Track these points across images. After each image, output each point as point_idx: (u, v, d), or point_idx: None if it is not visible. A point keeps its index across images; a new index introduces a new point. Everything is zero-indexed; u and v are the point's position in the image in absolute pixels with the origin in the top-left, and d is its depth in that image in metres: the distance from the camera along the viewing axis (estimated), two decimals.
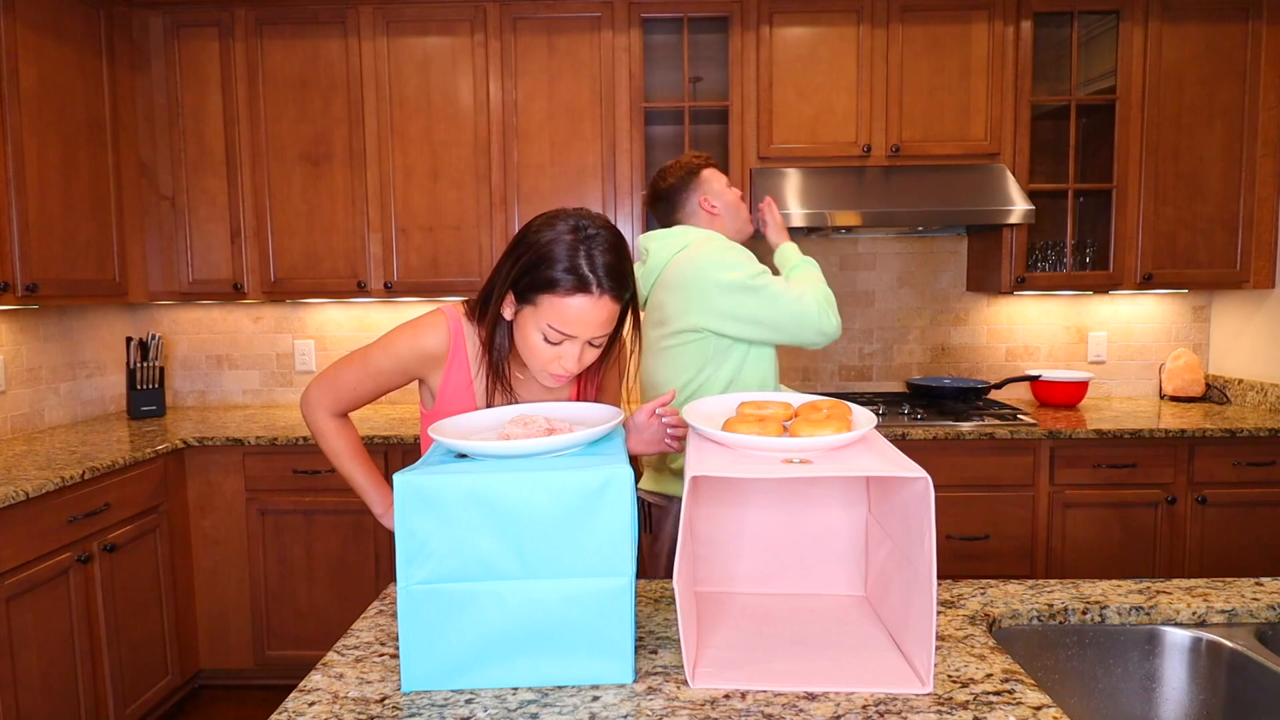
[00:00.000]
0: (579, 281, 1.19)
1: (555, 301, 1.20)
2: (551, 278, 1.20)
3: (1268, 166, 2.96)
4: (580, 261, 1.19)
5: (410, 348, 1.36)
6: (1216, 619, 1.26)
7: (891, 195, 2.85)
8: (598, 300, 1.21)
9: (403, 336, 1.37)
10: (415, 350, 1.36)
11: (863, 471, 0.96)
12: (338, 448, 1.46)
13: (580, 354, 1.26)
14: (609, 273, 1.21)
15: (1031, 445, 2.72)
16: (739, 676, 1.02)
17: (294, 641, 2.85)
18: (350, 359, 1.42)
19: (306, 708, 0.98)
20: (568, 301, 1.20)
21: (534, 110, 2.98)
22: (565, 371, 1.26)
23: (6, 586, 2.03)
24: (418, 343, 1.36)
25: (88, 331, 3.14)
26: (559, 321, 1.21)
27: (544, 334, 1.23)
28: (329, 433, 1.45)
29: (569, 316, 1.21)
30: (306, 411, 1.45)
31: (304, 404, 1.45)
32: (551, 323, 1.22)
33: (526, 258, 1.22)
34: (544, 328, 1.23)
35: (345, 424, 1.47)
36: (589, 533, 1.00)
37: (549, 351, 1.25)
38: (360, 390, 1.42)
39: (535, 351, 1.26)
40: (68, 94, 2.65)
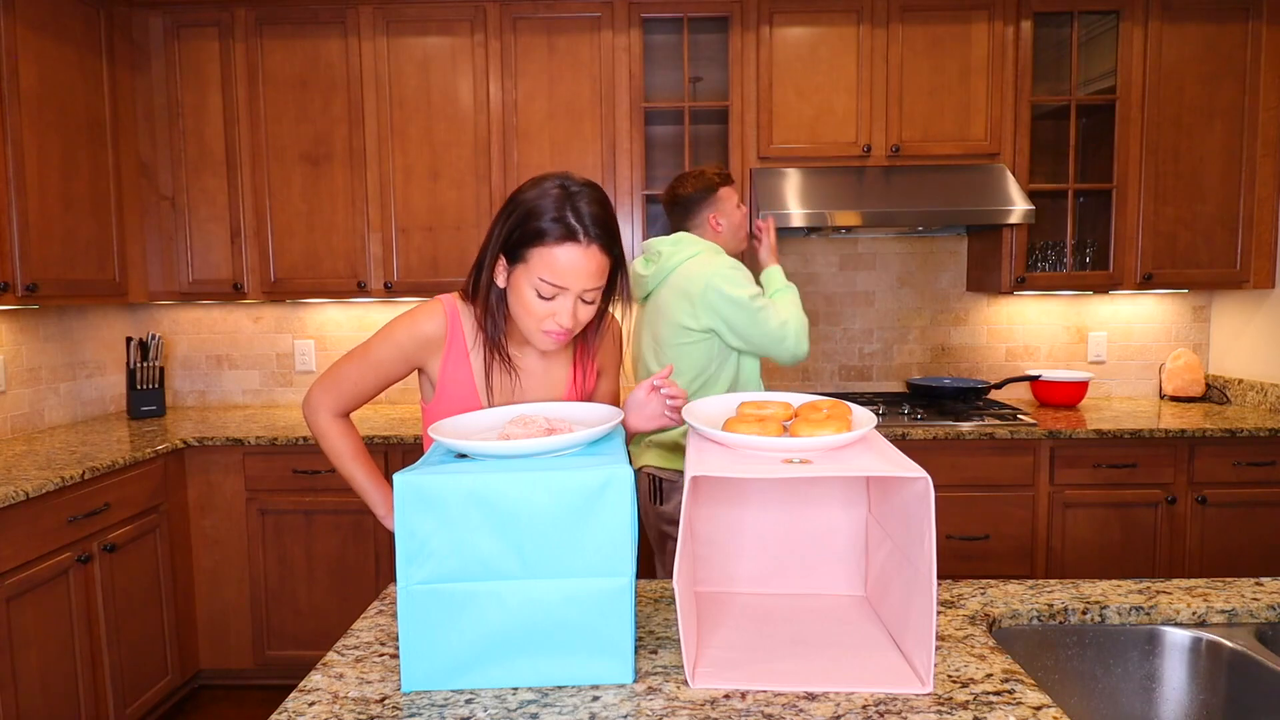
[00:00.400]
0: (567, 230, 1.22)
1: (545, 253, 1.23)
2: (540, 229, 1.22)
3: (1268, 166, 2.96)
4: (567, 213, 1.22)
5: (409, 334, 1.38)
6: (1216, 619, 1.26)
7: (891, 195, 2.85)
8: (586, 249, 1.23)
9: (401, 324, 1.39)
10: (414, 336, 1.38)
11: (863, 471, 0.96)
12: (340, 449, 1.46)
13: (574, 309, 1.26)
14: (595, 222, 1.23)
15: (1031, 445, 2.72)
16: (739, 676, 1.02)
17: (294, 641, 2.85)
18: (350, 355, 1.43)
19: (306, 708, 0.98)
20: (557, 251, 1.22)
21: (534, 110, 2.98)
22: (560, 329, 1.27)
23: (6, 586, 2.03)
24: (416, 328, 1.37)
25: (88, 331, 3.14)
26: (550, 273, 1.23)
27: (536, 289, 1.25)
28: (331, 434, 1.45)
29: (559, 267, 1.23)
30: (308, 414, 1.46)
31: (306, 406, 1.46)
32: (543, 275, 1.23)
33: (515, 216, 1.25)
34: (536, 283, 1.24)
35: (347, 425, 1.47)
36: (589, 533, 1.00)
37: (543, 308, 1.26)
38: (362, 384, 1.42)
39: (529, 310, 1.27)
40: (68, 94, 2.65)
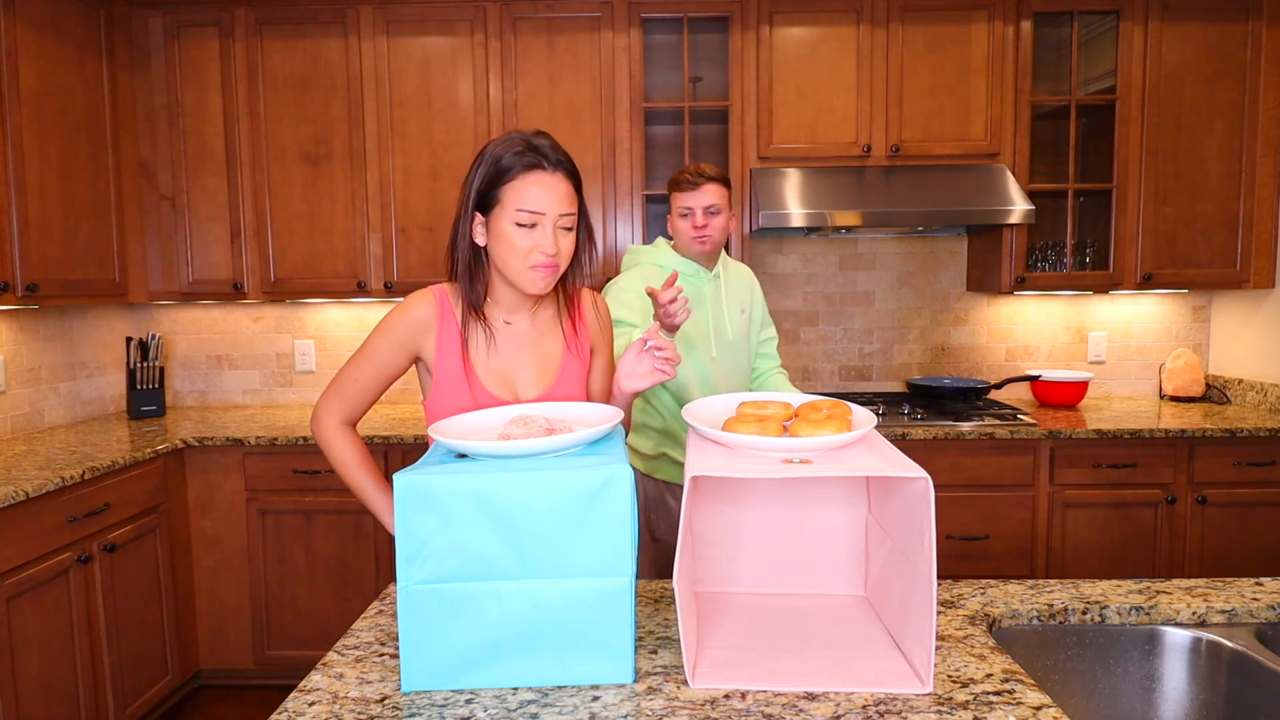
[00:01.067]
0: (533, 159, 1.31)
1: (517, 186, 1.31)
2: (507, 165, 1.31)
3: (1268, 166, 2.96)
4: (529, 148, 1.32)
5: (401, 319, 1.41)
6: (1216, 619, 1.26)
7: (891, 195, 2.85)
8: (553, 175, 1.32)
9: (392, 313, 1.43)
10: (405, 320, 1.41)
11: (863, 471, 0.96)
12: (345, 457, 1.47)
13: (554, 236, 1.32)
14: (556, 151, 1.33)
15: (1031, 445, 2.72)
16: (739, 676, 1.02)
17: (294, 641, 2.85)
18: (349, 359, 1.45)
19: (306, 708, 0.98)
20: (527, 179, 1.30)
21: (534, 110, 2.98)
22: (546, 260, 1.32)
23: (6, 586, 2.03)
24: (406, 313, 1.41)
25: (88, 331, 3.14)
26: (525, 201, 1.30)
27: (516, 222, 1.31)
28: (335, 443, 1.47)
29: (532, 193, 1.30)
30: (314, 427, 1.48)
31: (312, 421, 1.48)
32: (519, 206, 1.30)
33: (482, 167, 1.34)
34: (514, 215, 1.31)
35: (351, 433, 1.48)
36: (589, 533, 1.00)
37: (526, 241, 1.31)
38: (363, 381, 1.44)
39: (514, 248, 1.32)
40: (68, 94, 2.65)
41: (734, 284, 2.21)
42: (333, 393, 1.45)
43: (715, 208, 2.08)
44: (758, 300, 2.29)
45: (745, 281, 2.26)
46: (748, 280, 2.28)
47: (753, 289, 2.28)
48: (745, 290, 2.23)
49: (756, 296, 2.28)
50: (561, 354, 1.46)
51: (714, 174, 2.10)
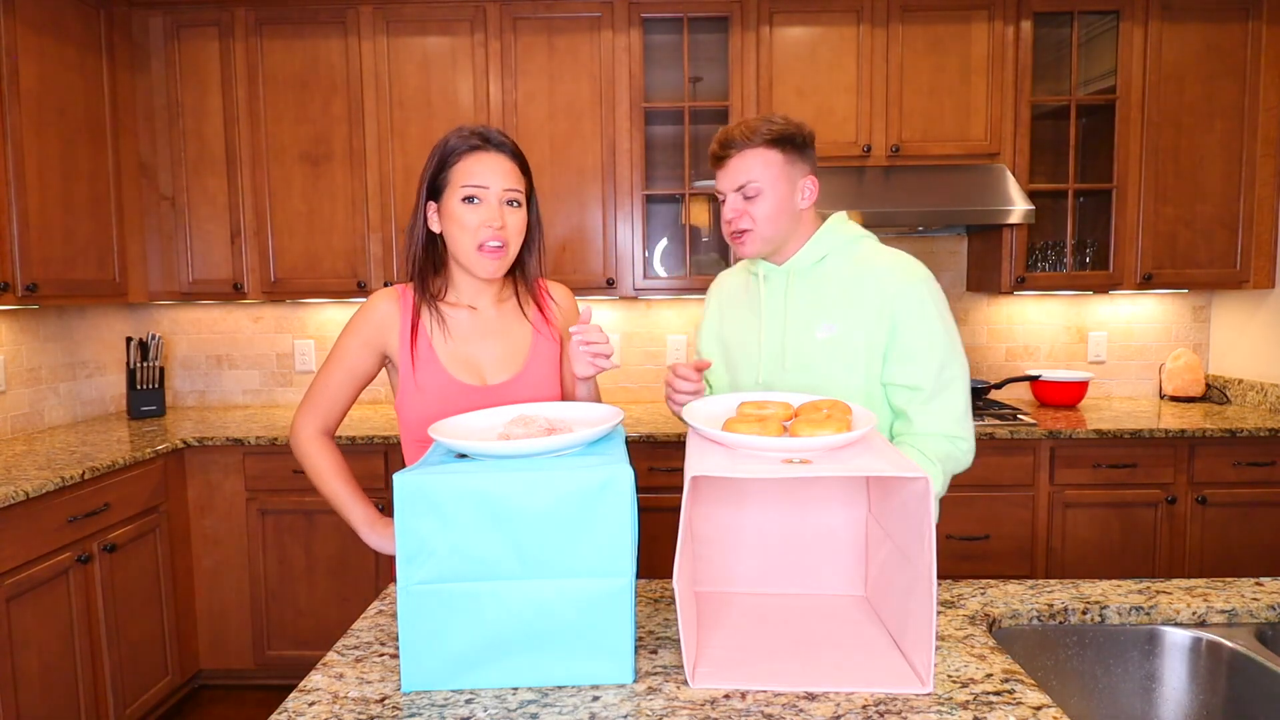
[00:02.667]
0: (477, 140, 1.37)
1: (461, 165, 1.37)
2: (453, 148, 1.37)
3: (1268, 166, 2.96)
4: (473, 134, 1.38)
5: (363, 317, 1.44)
6: (1216, 619, 1.26)
7: (891, 195, 2.85)
8: (496, 153, 1.37)
9: (356, 314, 1.46)
10: (368, 318, 1.43)
11: (863, 471, 0.96)
12: (320, 466, 1.46)
13: (500, 210, 1.36)
14: (499, 135, 1.39)
15: (1031, 445, 2.72)
16: (739, 676, 1.02)
17: (294, 641, 2.85)
18: (320, 367, 1.50)
19: (306, 708, 0.98)
20: (470, 158, 1.36)
21: (534, 110, 2.98)
22: (494, 232, 1.36)
23: (6, 586, 2.03)
24: (369, 310, 1.44)
25: (88, 331, 3.14)
26: (469, 177, 1.35)
27: (463, 198, 1.36)
28: (310, 453, 1.47)
29: (475, 169, 1.36)
30: (291, 438, 1.48)
31: (290, 432, 1.49)
32: (464, 183, 1.35)
33: (433, 156, 1.40)
34: (460, 192, 1.35)
35: (328, 443, 1.49)
36: (589, 533, 1.00)
37: (473, 218, 1.35)
38: (333, 386, 1.45)
39: (463, 226, 1.36)
40: (68, 94, 2.65)
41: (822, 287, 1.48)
42: (306, 403, 1.46)
43: (750, 186, 1.43)
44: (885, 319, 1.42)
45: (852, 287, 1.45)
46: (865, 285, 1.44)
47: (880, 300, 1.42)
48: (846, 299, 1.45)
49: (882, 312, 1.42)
50: (530, 340, 1.48)
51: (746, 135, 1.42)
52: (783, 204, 1.44)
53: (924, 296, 1.42)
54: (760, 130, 1.42)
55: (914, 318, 1.41)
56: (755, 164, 1.43)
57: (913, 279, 1.43)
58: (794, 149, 1.44)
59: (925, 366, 1.41)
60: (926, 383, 1.41)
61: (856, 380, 1.44)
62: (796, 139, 1.44)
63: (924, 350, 1.41)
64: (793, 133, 1.44)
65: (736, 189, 1.45)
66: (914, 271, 1.44)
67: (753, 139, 1.42)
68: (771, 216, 1.44)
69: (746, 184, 1.43)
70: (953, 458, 1.42)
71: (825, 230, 1.50)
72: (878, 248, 1.50)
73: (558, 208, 2.99)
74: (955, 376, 1.43)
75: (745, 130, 1.43)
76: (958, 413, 1.42)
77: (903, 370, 1.42)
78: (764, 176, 1.42)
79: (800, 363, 1.47)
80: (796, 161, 1.45)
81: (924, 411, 1.41)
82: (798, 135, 1.44)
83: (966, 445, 1.44)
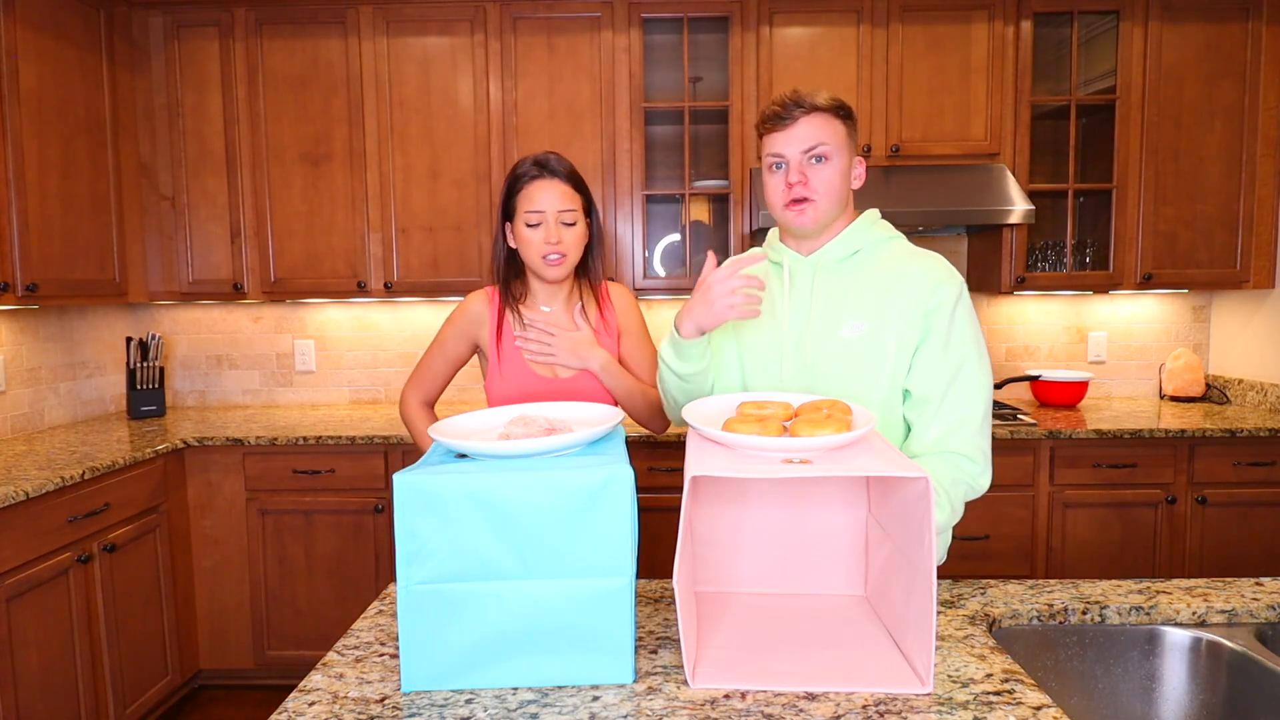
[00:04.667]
0: (536, 170, 1.62)
1: (524, 194, 1.62)
2: (518, 176, 1.63)
3: (1268, 166, 2.96)
4: (534, 164, 1.63)
5: (461, 313, 1.72)
6: (1216, 619, 1.26)
7: (891, 195, 2.85)
8: (551, 180, 1.61)
9: (455, 310, 1.74)
10: (465, 313, 1.72)
11: (863, 471, 0.96)
12: (422, 430, 1.77)
13: (556, 228, 1.60)
14: (557, 163, 1.63)
15: (1031, 445, 2.72)
16: (739, 676, 1.02)
17: (294, 641, 2.85)
18: (426, 350, 1.79)
19: (306, 708, 0.98)
20: (530, 186, 1.61)
21: (534, 110, 2.98)
22: (552, 248, 1.60)
23: (6, 586, 2.03)
24: (465, 307, 1.72)
25: (88, 331, 3.14)
26: (529, 204, 1.60)
27: (526, 222, 1.60)
28: (414, 419, 1.79)
29: (534, 196, 1.60)
30: (402, 408, 1.81)
31: (401, 404, 1.82)
32: (527, 209, 1.60)
33: (506, 185, 1.66)
34: (525, 217, 1.60)
35: (429, 411, 1.81)
36: (589, 533, 1.00)
37: (536, 236, 1.60)
38: (434, 367, 1.77)
39: (529, 244, 1.61)
40: (68, 94, 2.65)
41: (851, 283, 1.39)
42: (413, 379, 1.79)
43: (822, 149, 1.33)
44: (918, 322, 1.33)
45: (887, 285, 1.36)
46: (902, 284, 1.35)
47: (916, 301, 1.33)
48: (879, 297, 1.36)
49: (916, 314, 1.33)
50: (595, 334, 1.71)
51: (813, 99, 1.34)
52: (844, 175, 1.36)
53: (957, 302, 1.33)
54: (824, 96, 1.34)
55: (945, 322, 1.32)
56: (825, 127, 1.33)
57: (949, 281, 1.34)
58: (852, 124, 1.38)
59: (939, 376, 1.31)
60: (935, 393, 1.31)
61: (881, 384, 1.34)
62: (852, 115, 1.38)
63: (944, 358, 1.32)
64: (849, 108, 1.38)
65: (806, 150, 1.33)
66: (950, 274, 1.36)
67: (821, 103, 1.33)
68: (835, 185, 1.34)
69: (817, 146, 1.32)
70: (960, 483, 1.30)
71: (859, 225, 1.41)
72: (912, 248, 1.42)
73: None
74: (974, 388, 1.32)
75: (811, 94, 1.34)
76: (970, 429, 1.31)
77: (918, 378, 1.33)
78: (834, 141, 1.33)
79: (822, 361, 1.37)
80: (854, 136, 1.39)
81: (932, 424, 1.32)
82: (852, 112, 1.39)
83: (977, 469, 1.31)
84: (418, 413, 1.80)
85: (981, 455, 1.33)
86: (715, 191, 3.14)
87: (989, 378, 1.36)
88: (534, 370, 1.67)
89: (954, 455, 1.31)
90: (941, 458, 1.31)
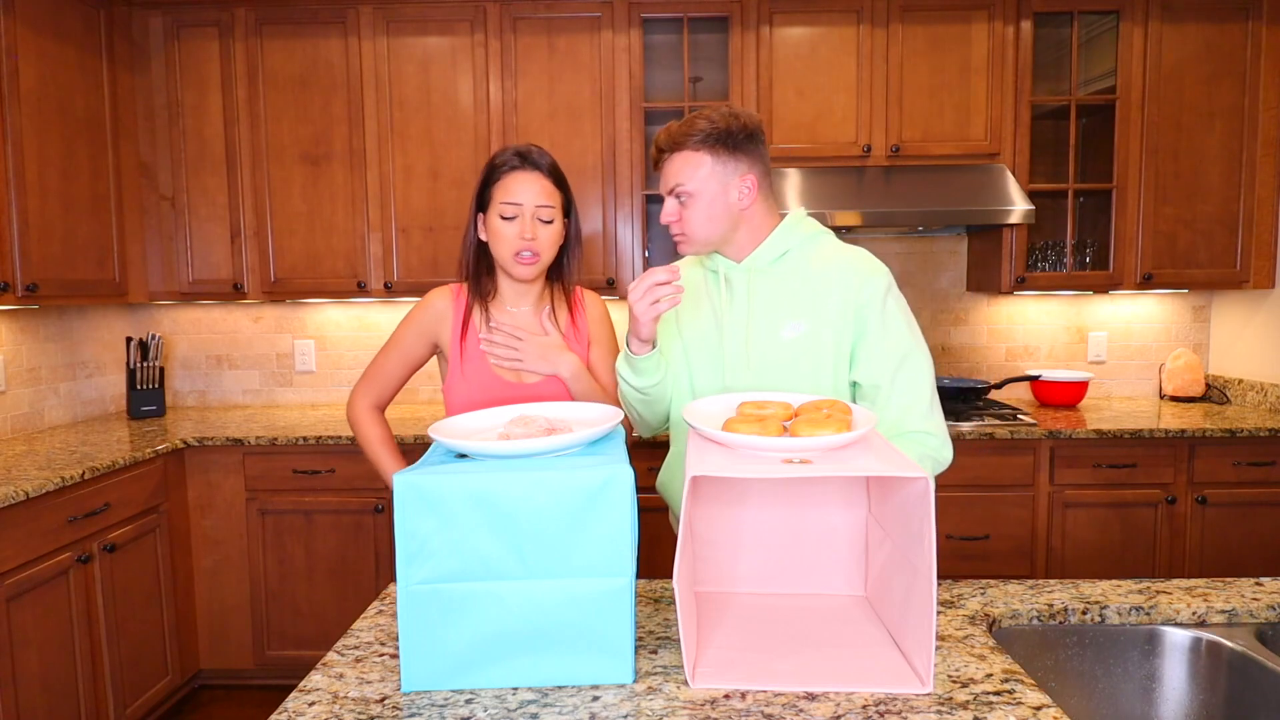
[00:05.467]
0: (517, 161, 1.54)
1: (502, 184, 1.53)
2: (496, 166, 1.54)
3: (1268, 166, 2.96)
4: (515, 155, 1.55)
5: (422, 310, 1.62)
6: (1216, 619, 1.26)
7: (891, 195, 2.85)
8: (532, 173, 1.53)
9: (415, 308, 1.64)
10: (426, 311, 1.61)
11: (863, 471, 0.96)
12: (369, 435, 1.65)
13: (532, 224, 1.52)
14: (540, 156, 1.55)
15: (1031, 445, 2.72)
16: (739, 676, 1.02)
17: (294, 641, 2.85)
18: (379, 351, 1.67)
19: (306, 708, 0.98)
20: (509, 177, 1.53)
21: (534, 110, 2.98)
22: (525, 244, 1.52)
23: (6, 586, 2.03)
24: (426, 305, 1.62)
25: (88, 331, 3.14)
26: (506, 195, 1.52)
27: (500, 214, 1.52)
28: (362, 422, 1.66)
29: (512, 187, 1.52)
30: (348, 412, 1.69)
31: (347, 407, 1.69)
32: (503, 200, 1.52)
33: (483, 174, 1.56)
34: (500, 209, 1.52)
35: (377, 415, 1.68)
36: (589, 533, 1.00)
37: (510, 230, 1.52)
38: (388, 367, 1.64)
39: (501, 238, 1.53)
40: (68, 94, 2.65)
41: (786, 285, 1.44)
42: (364, 381, 1.66)
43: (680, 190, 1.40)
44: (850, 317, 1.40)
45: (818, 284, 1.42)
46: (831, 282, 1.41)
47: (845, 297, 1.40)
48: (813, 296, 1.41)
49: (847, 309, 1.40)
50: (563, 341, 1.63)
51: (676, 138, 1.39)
52: (714, 206, 1.39)
53: (886, 293, 1.40)
54: (690, 132, 1.37)
55: (877, 314, 1.39)
56: (684, 168, 1.38)
57: (875, 275, 1.40)
58: (726, 149, 1.37)
59: (884, 363, 1.38)
60: (884, 379, 1.38)
61: (825, 381, 1.40)
62: (729, 138, 1.37)
63: (885, 347, 1.38)
64: (723, 131, 1.37)
65: (669, 191, 1.41)
66: (876, 268, 1.42)
67: (682, 142, 1.38)
68: (702, 220, 1.39)
69: (676, 188, 1.40)
70: (927, 458, 1.37)
71: (784, 228, 1.45)
72: (838, 244, 1.47)
73: None
74: (919, 370, 1.38)
75: (672, 135, 1.39)
76: (922, 407, 1.37)
77: (864, 369, 1.40)
78: (692, 179, 1.38)
79: (766, 363, 1.42)
80: (729, 161, 1.38)
81: (886, 408, 1.37)
82: (729, 134, 1.37)
83: (937, 441, 1.38)
84: (367, 415, 1.65)
85: (938, 429, 1.40)
86: None
87: (929, 358, 1.42)
88: (498, 374, 1.58)
89: (914, 434, 1.38)
90: (902, 438, 1.38)
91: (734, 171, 1.40)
